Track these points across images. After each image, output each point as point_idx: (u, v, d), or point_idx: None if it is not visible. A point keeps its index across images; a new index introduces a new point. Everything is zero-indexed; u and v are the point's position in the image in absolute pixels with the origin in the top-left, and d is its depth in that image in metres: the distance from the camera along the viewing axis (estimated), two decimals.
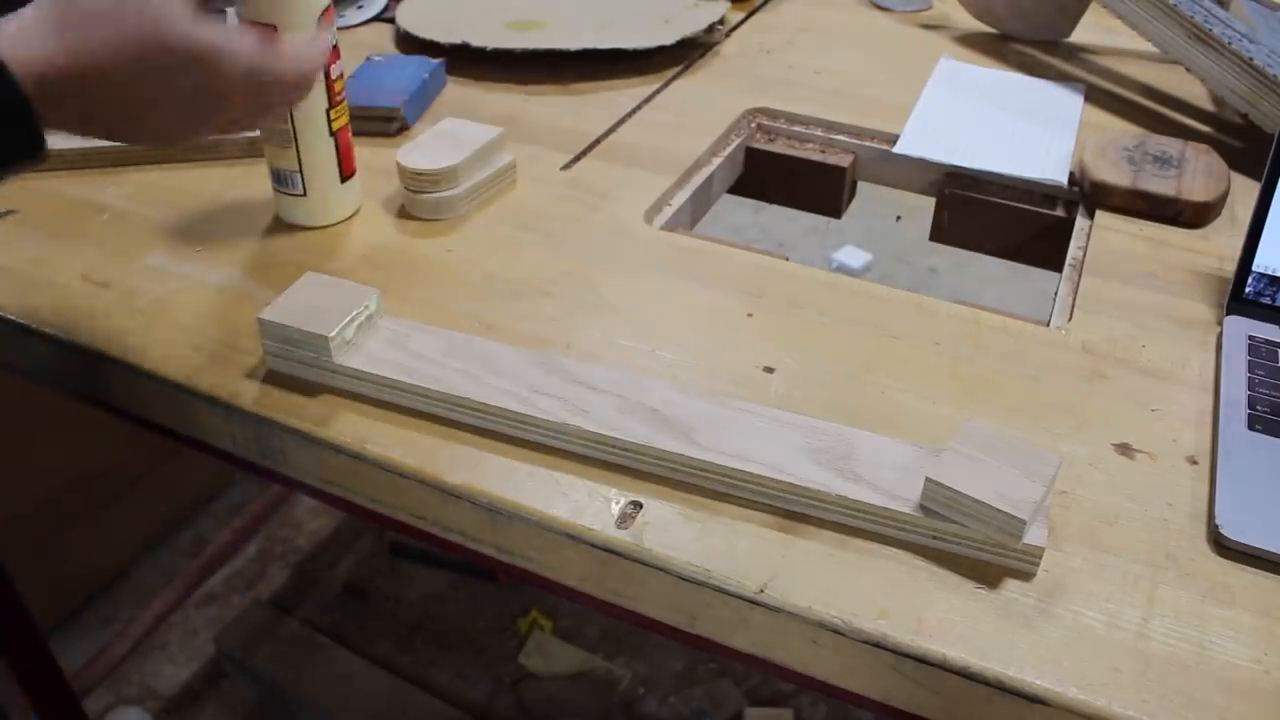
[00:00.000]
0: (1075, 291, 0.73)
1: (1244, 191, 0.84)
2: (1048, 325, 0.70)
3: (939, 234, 0.93)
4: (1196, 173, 0.82)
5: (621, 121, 0.93)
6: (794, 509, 0.54)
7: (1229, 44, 0.87)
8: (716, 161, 0.91)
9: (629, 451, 0.56)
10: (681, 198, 0.85)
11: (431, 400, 0.59)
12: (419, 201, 0.78)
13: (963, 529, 0.51)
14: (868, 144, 0.94)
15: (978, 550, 0.52)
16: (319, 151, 0.74)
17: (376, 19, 1.13)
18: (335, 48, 0.72)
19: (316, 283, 0.63)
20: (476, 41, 1.00)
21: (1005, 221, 0.89)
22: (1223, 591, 0.51)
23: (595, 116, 0.94)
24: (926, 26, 1.17)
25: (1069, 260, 0.79)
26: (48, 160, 0.45)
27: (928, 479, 0.51)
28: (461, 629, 1.54)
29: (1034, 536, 0.51)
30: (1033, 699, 0.47)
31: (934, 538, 0.52)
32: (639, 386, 0.60)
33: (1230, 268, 0.72)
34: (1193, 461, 0.59)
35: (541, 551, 0.56)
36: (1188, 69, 0.91)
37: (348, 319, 0.61)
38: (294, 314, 0.61)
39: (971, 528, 0.51)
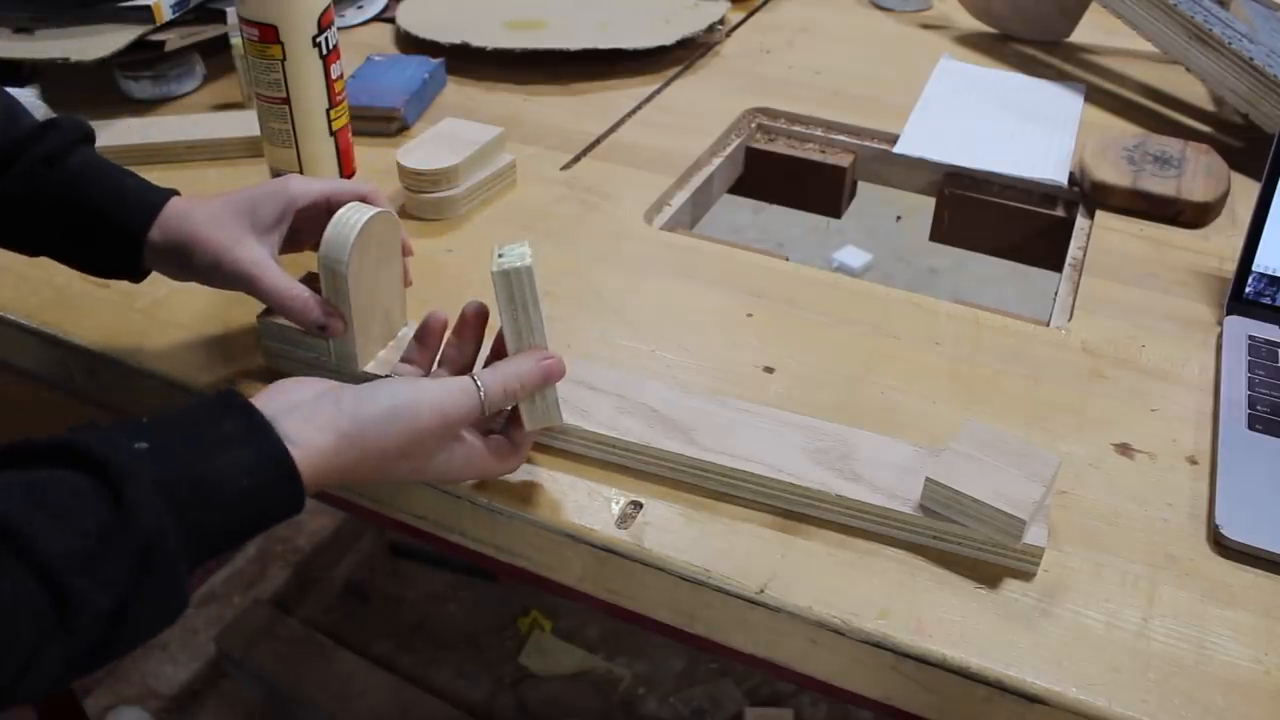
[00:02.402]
0: (1075, 291, 0.73)
1: (1244, 191, 0.84)
2: (1048, 325, 0.70)
3: (939, 234, 0.93)
4: (1196, 173, 0.82)
5: (621, 121, 0.93)
6: (794, 509, 0.54)
7: (1229, 44, 0.87)
8: (716, 161, 0.91)
9: (629, 451, 0.56)
10: (681, 198, 0.85)
11: None
12: (419, 201, 0.78)
13: (963, 529, 0.51)
14: (868, 144, 0.94)
15: (978, 550, 0.52)
16: (319, 151, 0.74)
17: (376, 19, 1.13)
18: (335, 48, 0.72)
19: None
20: (476, 41, 1.00)
21: (1005, 221, 0.89)
22: (1223, 591, 0.51)
23: (595, 116, 0.94)
24: (926, 26, 1.17)
25: (1069, 260, 0.79)
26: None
27: (928, 479, 0.51)
28: (461, 629, 1.54)
29: (1034, 536, 0.51)
30: (1033, 699, 0.46)
31: (934, 538, 0.52)
32: (639, 386, 0.60)
33: (1230, 268, 0.72)
34: (1193, 461, 0.59)
35: (541, 551, 0.56)
36: (1188, 69, 0.91)
37: None
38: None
39: (971, 528, 0.51)
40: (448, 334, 0.56)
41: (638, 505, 0.55)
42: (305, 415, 0.46)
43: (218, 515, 0.42)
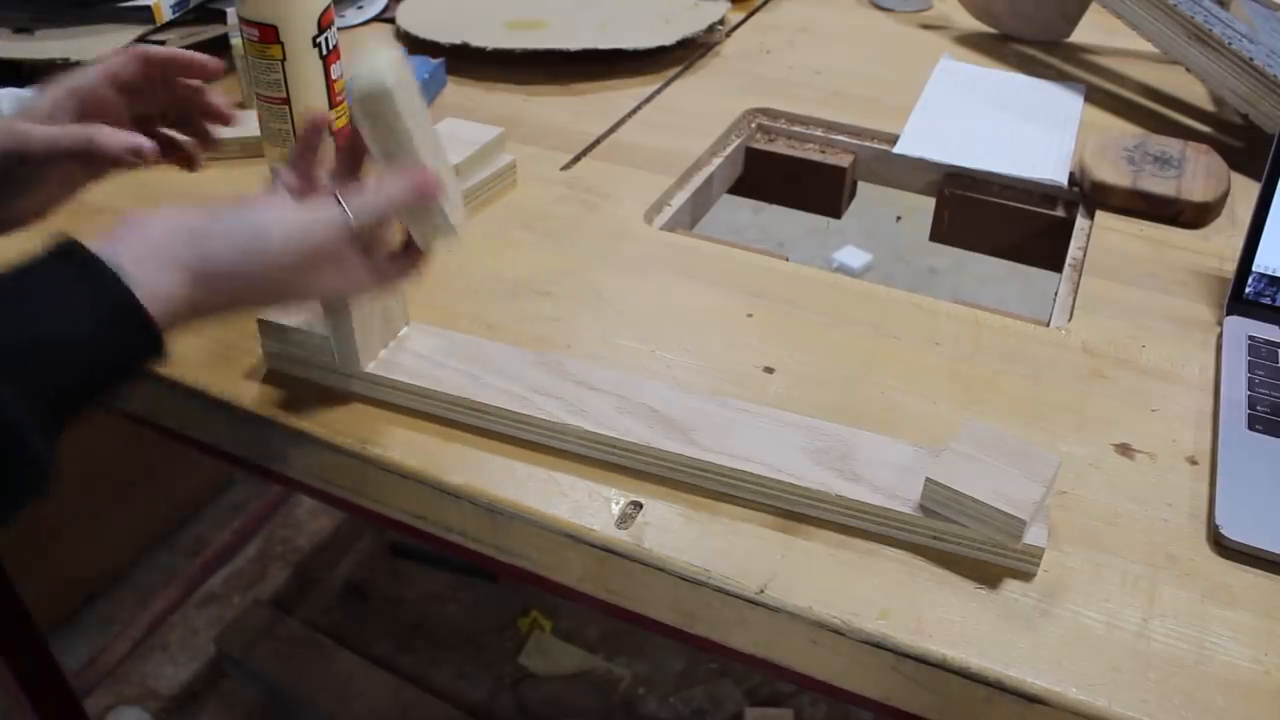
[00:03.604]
0: (1075, 291, 0.73)
1: (1244, 191, 0.84)
2: (1048, 325, 0.70)
3: (939, 234, 0.93)
4: (1196, 173, 0.82)
5: (621, 121, 0.93)
6: (794, 509, 0.54)
7: (1229, 44, 0.87)
8: (716, 161, 0.91)
9: (629, 451, 0.56)
10: (681, 198, 0.85)
11: (432, 400, 0.59)
12: None
13: (963, 529, 0.51)
14: (868, 144, 0.94)
15: (978, 550, 0.52)
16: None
17: (376, 19, 1.13)
18: (335, 48, 0.72)
19: None
20: (476, 41, 1.00)
21: (1005, 221, 0.89)
22: (1223, 591, 0.51)
23: (595, 116, 0.94)
24: (926, 26, 1.17)
25: (1069, 260, 0.79)
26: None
27: (928, 479, 0.51)
28: (461, 629, 1.54)
29: (1034, 537, 0.51)
30: (1033, 699, 0.47)
31: (934, 538, 0.52)
32: (639, 386, 0.60)
33: (1230, 268, 0.72)
34: (1193, 461, 0.59)
35: (541, 551, 0.56)
36: (1188, 69, 0.91)
37: None
38: (293, 314, 0.61)
39: (971, 528, 0.51)
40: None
41: (638, 505, 0.55)
42: (151, 254, 0.45)
43: (63, 371, 0.41)
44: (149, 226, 0.47)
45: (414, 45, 1.04)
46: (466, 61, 1.01)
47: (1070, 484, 0.57)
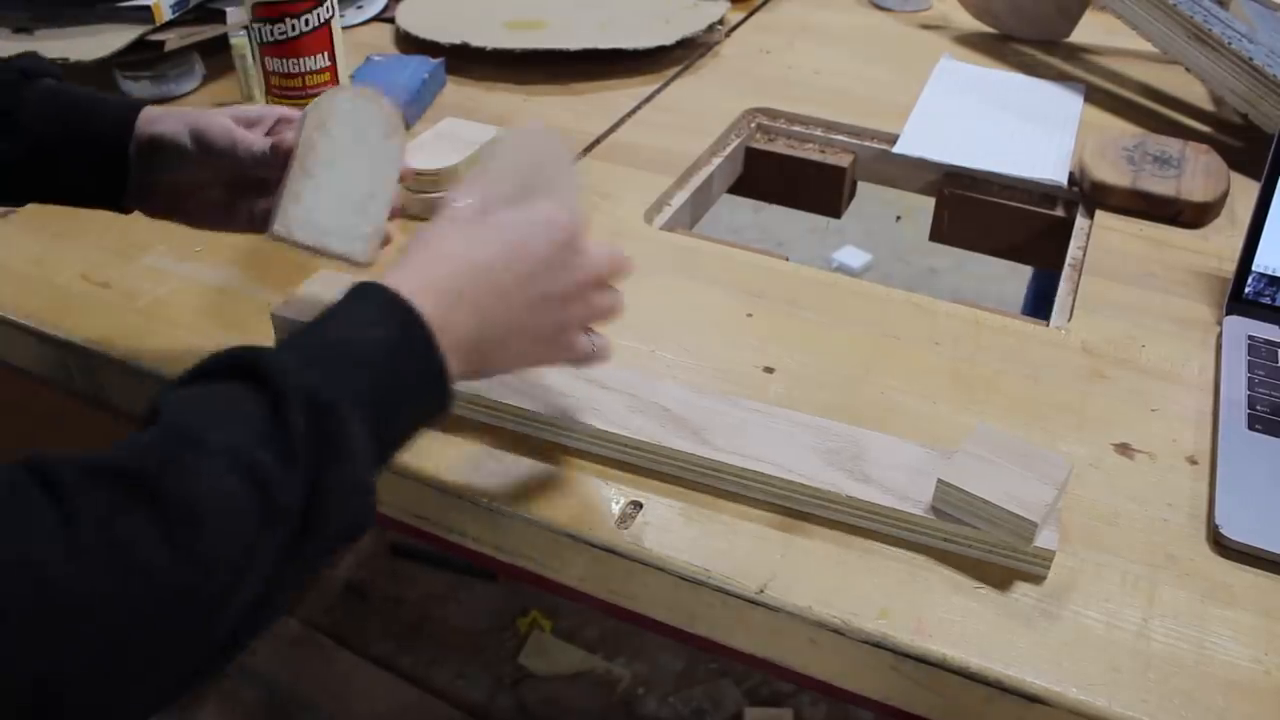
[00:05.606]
0: (1075, 291, 0.73)
1: (1244, 191, 0.84)
2: (1048, 325, 0.70)
3: (939, 234, 0.93)
4: (1196, 173, 0.82)
5: (621, 121, 0.93)
6: (804, 509, 0.54)
7: (1229, 44, 0.87)
8: (716, 161, 0.91)
9: (640, 450, 0.56)
10: (681, 198, 0.85)
11: None
12: (419, 201, 0.78)
13: (974, 531, 0.51)
14: (868, 144, 0.94)
15: (988, 553, 0.52)
16: None
17: (376, 19, 1.13)
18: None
19: (330, 280, 0.63)
20: (476, 41, 1.00)
21: (1005, 221, 0.89)
22: (1223, 591, 0.51)
23: (595, 116, 0.94)
24: (926, 26, 1.17)
25: (1069, 260, 0.79)
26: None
27: (940, 481, 0.51)
28: (461, 629, 1.54)
29: (1045, 539, 0.50)
30: (1033, 699, 0.46)
31: (945, 540, 0.52)
32: (651, 386, 0.60)
33: (1230, 268, 0.72)
34: (1193, 461, 0.59)
35: (541, 551, 0.56)
36: (1188, 69, 0.91)
37: None
38: (307, 310, 0.61)
39: (983, 530, 0.51)
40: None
41: (638, 505, 0.55)
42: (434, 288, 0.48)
43: (378, 386, 0.42)
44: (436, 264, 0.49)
45: (414, 45, 1.04)
46: (466, 61, 1.01)
47: (1070, 484, 0.56)
